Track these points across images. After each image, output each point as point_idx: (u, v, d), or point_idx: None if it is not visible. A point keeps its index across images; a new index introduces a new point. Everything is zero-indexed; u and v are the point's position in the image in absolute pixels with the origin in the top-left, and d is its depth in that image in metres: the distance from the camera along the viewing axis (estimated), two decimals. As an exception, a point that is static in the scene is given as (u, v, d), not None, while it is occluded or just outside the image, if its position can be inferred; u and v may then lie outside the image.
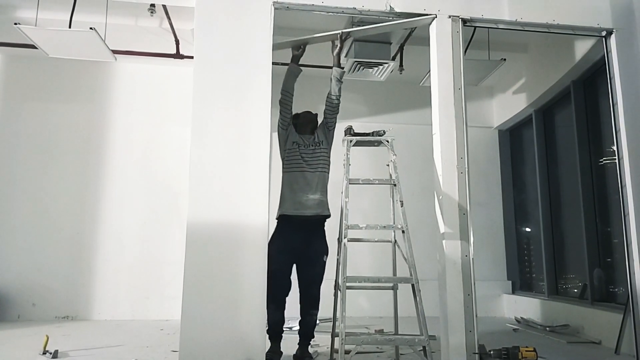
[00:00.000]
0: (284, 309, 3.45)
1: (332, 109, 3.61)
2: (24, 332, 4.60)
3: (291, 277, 3.48)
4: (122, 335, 4.50)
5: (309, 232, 3.46)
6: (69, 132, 5.84)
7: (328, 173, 3.59)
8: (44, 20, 4.74)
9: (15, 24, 4.16)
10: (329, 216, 3.52)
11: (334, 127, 3.66)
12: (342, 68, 3.64)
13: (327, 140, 3.63)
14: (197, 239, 3.15)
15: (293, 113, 3.67)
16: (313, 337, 3.55)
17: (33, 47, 4.59)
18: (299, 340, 3.51)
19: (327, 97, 3.64)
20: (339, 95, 3.61)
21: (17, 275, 5.45)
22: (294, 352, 3.51)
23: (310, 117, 3.75)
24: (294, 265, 3.50)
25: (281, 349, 3.45)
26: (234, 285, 3.12)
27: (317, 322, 3.99)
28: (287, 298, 3.44)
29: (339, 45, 3.65)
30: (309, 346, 3.53)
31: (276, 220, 3.49)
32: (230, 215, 3.20)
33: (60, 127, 5.83)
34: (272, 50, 3.43)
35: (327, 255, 3.51)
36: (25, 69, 5.84)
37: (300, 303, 3.49)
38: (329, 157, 3.63)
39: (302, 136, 3.61)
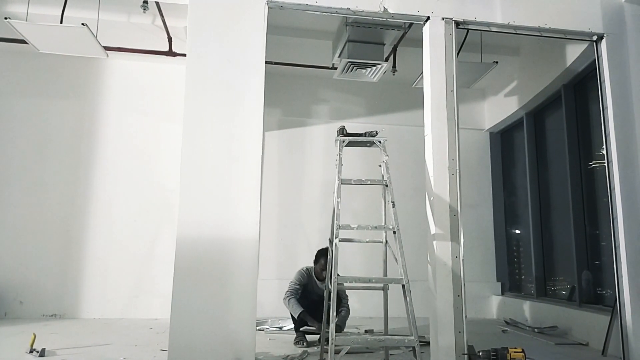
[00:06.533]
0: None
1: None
2: (11, 330, 4.55)
3: None
4: (110, 334, 4.46)
5: None
6: (59, 128, 5.79)
7: None
8: (35, 15, 4.70)
9: (6, 18, 4.12)
10: None
11: None
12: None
13: None
14: (187, 237, 3.13)
15: None
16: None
17: (24, 42, 4.55)
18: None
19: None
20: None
21: (4, 273, 5.39)
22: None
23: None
24: None
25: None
26: (223, 284, 3.12)
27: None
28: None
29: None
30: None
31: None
32: (222, 214, 3.19)
33: (50, 124, 5.77)
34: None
35: None
36: (15, 64, 5.77)
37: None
38: None
39: (317, 282, 4.18)
